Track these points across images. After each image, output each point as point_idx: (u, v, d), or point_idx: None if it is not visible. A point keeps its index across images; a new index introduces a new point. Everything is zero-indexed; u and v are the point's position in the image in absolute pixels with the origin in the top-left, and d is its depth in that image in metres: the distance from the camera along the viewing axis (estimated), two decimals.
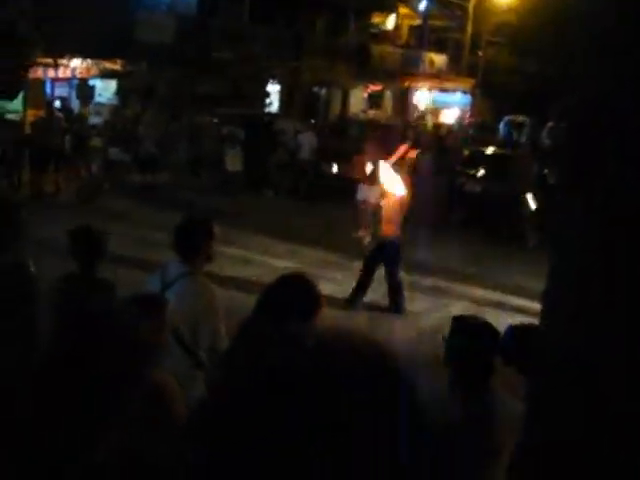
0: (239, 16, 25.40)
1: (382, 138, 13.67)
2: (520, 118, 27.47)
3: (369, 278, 9.54)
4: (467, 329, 3.26)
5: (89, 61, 19.01)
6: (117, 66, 19.95)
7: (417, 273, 10.90)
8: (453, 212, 15.45)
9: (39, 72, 18.12)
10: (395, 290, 9.43)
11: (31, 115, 17.49)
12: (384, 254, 9.39)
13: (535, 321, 2.35)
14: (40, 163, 15.10)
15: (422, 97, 34.34)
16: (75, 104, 19.95)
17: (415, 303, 9.83)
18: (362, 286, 9.52)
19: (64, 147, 15.68)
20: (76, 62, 18.75)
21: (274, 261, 10.94)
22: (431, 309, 9.74)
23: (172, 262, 4.18)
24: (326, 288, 6.20)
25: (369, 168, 11.29)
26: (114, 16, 18.65)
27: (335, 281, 10.21)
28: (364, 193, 11.43)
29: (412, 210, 9.84)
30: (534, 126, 26.08)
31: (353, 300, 9.45)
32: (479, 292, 10.61)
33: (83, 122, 16.89)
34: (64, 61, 18.24)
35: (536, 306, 2.14)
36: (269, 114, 24.32)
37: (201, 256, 4.17)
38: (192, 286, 4.03)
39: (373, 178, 10.97)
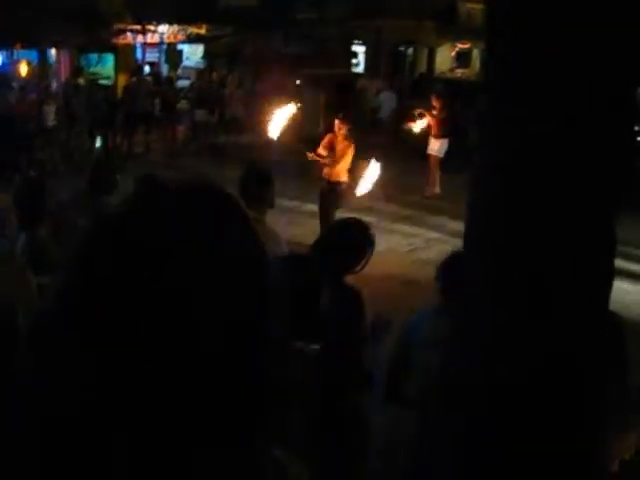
0: None
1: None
2: None
3: None
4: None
5: (176, 26, 19.61)
6: (203, 30, 20.49)
7: None
8: None
9: (128, 38, 18.86)
10: None
11: (122, 80, 18.29)
12: None
13: None
14: (131, 125, 15.89)
15: None
16: (164, 68, 20.71)
17: None
18: None
19: (153, 110, 16.40)
20: (163, 28, 19.39)
21: None
22: None
23: None
24: None
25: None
26: None
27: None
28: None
29: None
30: None
31: None
32: None
33: (171, 86, 17.54)
34: (152, 27, 18.91)
35: None
36: (354, 74, 24.47)
37: (265, 203, 4.52)
38: (260, 232, 4.35)
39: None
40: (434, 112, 12.87)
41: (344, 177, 9.54)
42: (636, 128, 15.81)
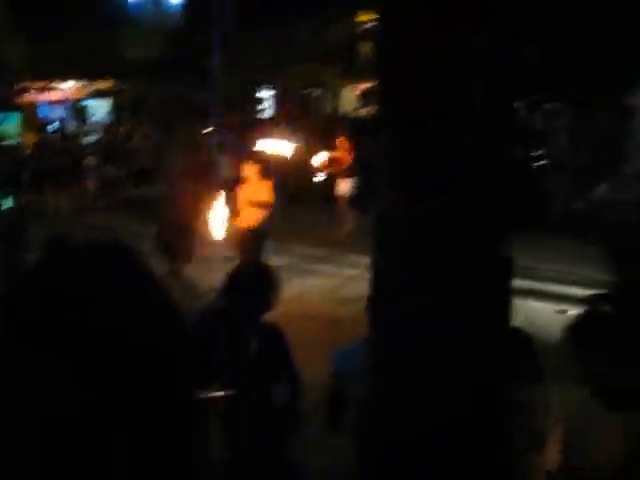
0: (226, 25, 25.73)
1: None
2: None
3: None
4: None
5: (80, 82, 19.48)
6: (109, 84, 20.41)
7: None
8: None
9: (32, 96, 18.64)
10: None
11: (29, 138, 18.01)
12: None
13: None
14: (39, 183, 15.63)
15: None
16: (71, 125, 20.49)
17: None
18: None
19: (61, 167, 16.18)
20: (68, 84, 19.24)
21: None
22: None
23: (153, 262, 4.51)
24: None
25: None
26: (99, 36, 19.10)
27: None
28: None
29: None
30: None
31: None
32: None
33: (77, 142, 17.37)
34: (55, 84, 18.74)
35: None
36: (261, 120, 24.75)
37: (182, 256, 4.52)
38: (176, 285, 4.34)
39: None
40: (340, 153, 13.15)
41: (262, 218, 9.60)
42: (538, 152, 16.59)
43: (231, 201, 9.75)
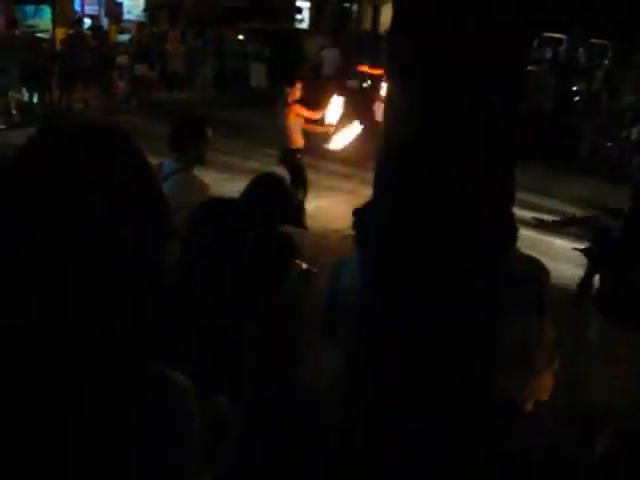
0: None
1: None
2: None
3: None
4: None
5: None
6: None
7: None
8: None
9: None
10: None
11: (60, 33, 17.81)
12: None
13: None
14: (69, 80, 15.54)
15: None
16: (104, 22, 20.20)
17: None
18: None
19: (92, 64, 16.03)
20: None
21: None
22: None
23: (167, 160, 4.49)
24: None
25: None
26: None
27: None
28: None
29: None
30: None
31: None
32: None
33: (109, 40, 17.17)
34: None
35: None
36: (297, 30, 24.28)
37: (192, 154, 4.58)
38: (184, 180, 4.36)
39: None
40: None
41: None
42: (574, 88, 16.25)
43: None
